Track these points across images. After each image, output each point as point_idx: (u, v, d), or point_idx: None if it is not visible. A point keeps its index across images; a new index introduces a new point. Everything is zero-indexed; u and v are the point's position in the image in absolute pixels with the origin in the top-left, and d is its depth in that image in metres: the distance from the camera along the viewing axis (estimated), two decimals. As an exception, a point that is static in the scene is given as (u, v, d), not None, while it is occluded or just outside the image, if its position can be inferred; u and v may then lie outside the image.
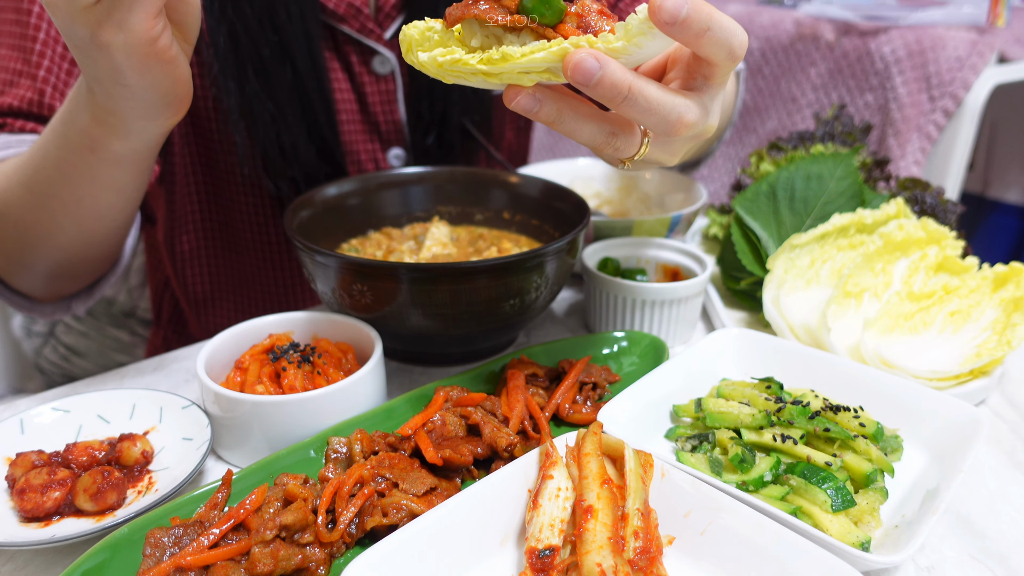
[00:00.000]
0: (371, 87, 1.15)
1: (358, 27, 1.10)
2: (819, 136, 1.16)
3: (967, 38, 1.75)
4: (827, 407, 0.71)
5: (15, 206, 0.87)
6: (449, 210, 1.08)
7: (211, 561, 0.56)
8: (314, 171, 1.11)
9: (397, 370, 0.91)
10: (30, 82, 0.93)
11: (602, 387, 0.81)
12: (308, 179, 1.12)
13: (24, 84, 0.93)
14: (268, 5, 1.00)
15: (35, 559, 0.64)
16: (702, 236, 1.30)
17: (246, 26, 1.00)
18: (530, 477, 0.63)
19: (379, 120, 1.18)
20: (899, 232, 0.90)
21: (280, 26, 1.02)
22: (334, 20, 1.09)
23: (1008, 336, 0.83)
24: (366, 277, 0.79)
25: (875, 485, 0.65)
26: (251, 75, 1.02)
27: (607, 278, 0.93)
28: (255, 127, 1.06)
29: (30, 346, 1.53)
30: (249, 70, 1.02)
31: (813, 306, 0.91)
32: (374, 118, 1.18)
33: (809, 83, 1.95)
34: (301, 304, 1.29)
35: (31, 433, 0.73)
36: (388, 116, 1.18)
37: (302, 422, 0.72)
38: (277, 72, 1.03)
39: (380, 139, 1.20)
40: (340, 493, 0.62)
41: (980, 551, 0.64)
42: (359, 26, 1.10)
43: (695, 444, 0.71)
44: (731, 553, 0.57)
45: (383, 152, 1.21)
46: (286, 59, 1.03)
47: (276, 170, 1.10)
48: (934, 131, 1.76)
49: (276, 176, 1.11)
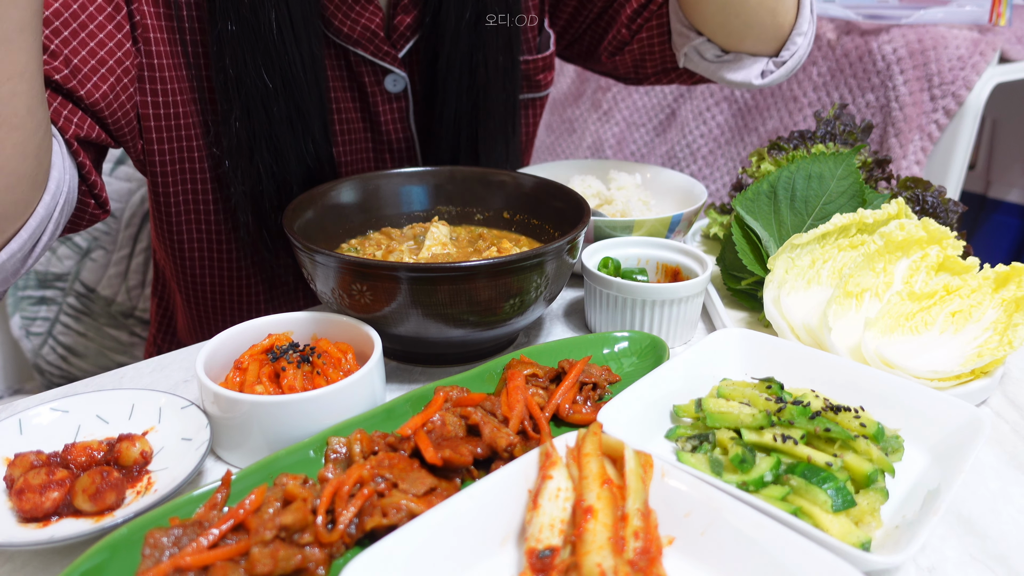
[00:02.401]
0: (384, 106, 1.15)
1: (372, 50, 1.09)
2: (820, 135, 1.16)
3: (969, 37, 1.75)
4: (827, 407, 0.70)
5: None
6: (449, 210, 1.08)
7: (210, 561, 0.56)
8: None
9: (397, 370, 0.91)
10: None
11: (602, 387, 0.81)
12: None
13: None
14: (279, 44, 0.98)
15: (33, 560, 0.64)
16: (702, 236, 1.30)
17: (256, 64, 0.99)
18: (530, 477, 0.63)
19: (391, 139, 1.18)
20: (900, 232, 0.90)
21: (290, 62, 1.00)
22: (348, 43, 1.08)
23: (1010, 336, 0.82)
24: (366, 277, 0.79)
25: (876, 485, 0.65)
26: (260, 108, 1.01)
27: (607, 278, 0.93)
28: (251, 163, 1.04)
29: (28, 346, 1.53)
30: (258, 103, 1.00)
31: (814, 306, 0.91)
32: (386, 136, 1.17)
33: (810, 82, 1.95)
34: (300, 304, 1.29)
35: (29, 433, 0.73)
36: (400, 134, 1.18)
37: (301, 422, 0.72)
38: (279, 106, 1.02)
39: (392, 158, 1.19)
40: (340, 493, 0.62)
41: (981, 552, 0.64)
42: (374, 49, 1.09)
43: (695, 444, 0.71)
44: (731, 553, 0.57)
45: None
46: (298, 123, 1.03)
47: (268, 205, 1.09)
48: (935, 130, 1.76)
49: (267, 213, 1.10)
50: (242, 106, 1.00)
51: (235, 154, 1.04)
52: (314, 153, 1.07)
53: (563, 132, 2.61)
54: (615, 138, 2.44)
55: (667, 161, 2.31)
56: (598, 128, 2.48)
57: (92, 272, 1.52)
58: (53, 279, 1.50)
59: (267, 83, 0.99)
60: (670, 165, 2.30)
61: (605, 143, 2.47)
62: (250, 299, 1.23)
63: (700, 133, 2.22)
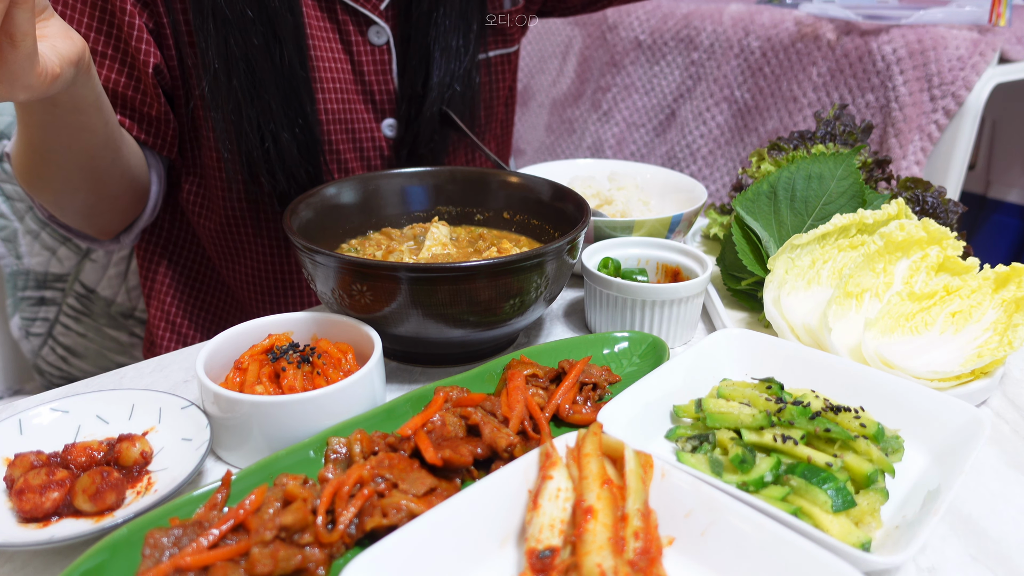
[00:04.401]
0: (367, 56, 1.18)
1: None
2: (820, 136, 1.16)
3: (968, 37, 1.75)
4: (828, 407, 0.70)
5: (30, 166, 1.02)
6: (449, 210, 1.08)
7: (210, 562, 0.56)
8: (295, 166, 1.12)
9: (397, 370, 0.91)
10: None
11: (602, 387, 0.81)
12: (289, 176, 1.13)
13: None
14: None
15: (33, 560, 0.64)
16: (702, 236, 1.30)
17: (237, 17, 1.02)
18: (530, 478, 0.63)
19: (374, 89, 1.20)
20: (900, 232, 0.90)
21: (272, 14, 1.04)
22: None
23: (1010, 337, 0.82)
24: (366, 277, 0.79)
25: (876, 486, 0.65)
26: (241, 68, 1.04)
27: (607, 278, 0.93)
28: (240, 121, 1.07)
29: (28, 347, 1.52)
30: (240, 63, 1.04)
31: (814, 306, 0.91)
32: (369, 87, 1.20)
33: (810, 83, 1.95)
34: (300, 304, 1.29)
35: (30, 434, 0.73)
36: (382, 86, 1.21)
37: (301, 422, 0.72)
38: (264, 61, 1.05)
39: (375, 108, 1.22)
40: (340, 493, 0.62)
41: (981, 552, 0.64)
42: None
43: (695, 445, 0.71)
44: (731, 554, 0.57)
45: (377, 122, 1.22)
46: (275, 46, 1.05)
47: (259, 167, 1.11)
48: (935, 131, 1.76)
49: (257, 172, 1.12)
50: (217, 34, 1.03)
51: (213, 80, 1.06)
52: (290, 77, 1.09)
53: (563, 132, 2.61)
54: (615, 138, 2.44)
55: (667, 161, 2.31)
56: (598, 128, 2.48)
57: (92, 273, 1.52)
58: (53, 280, 1.50)
59: (244, 12, 1.03)
60: (670, 165, 2.30)
61: (605, 143, 2.47)
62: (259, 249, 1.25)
63: (700, 133, 2.22)
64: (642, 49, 2.34)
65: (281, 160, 1.10)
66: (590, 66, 2.50)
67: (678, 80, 2.27)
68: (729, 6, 2.19)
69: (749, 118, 2.11)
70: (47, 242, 1.47)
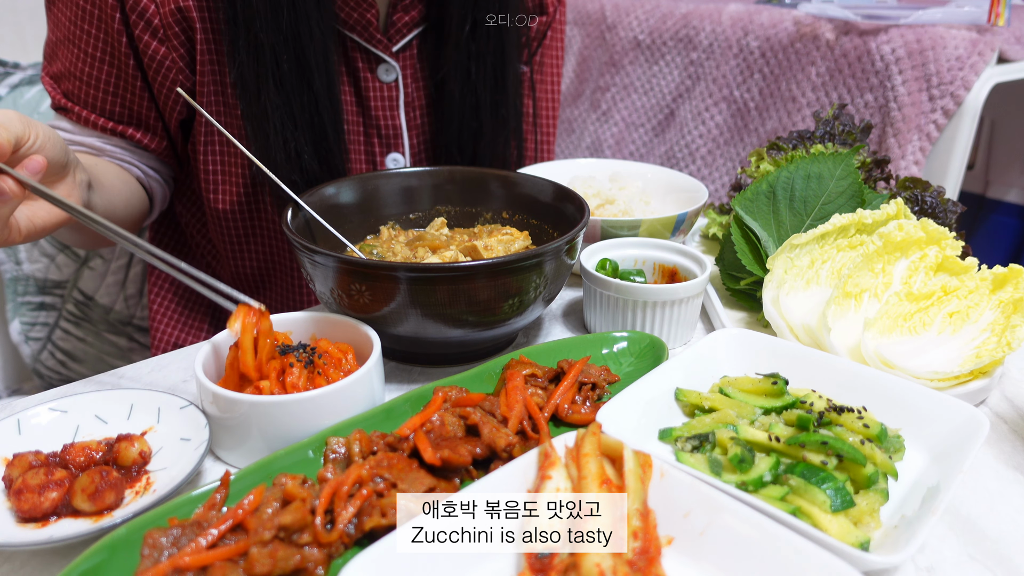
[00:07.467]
0: (375, 92, 1.19)
1: (366, 37, 1.14)
2: (819, 136, 1.16)
3: (967, 37, 1.75)
4: (831, 408, 0.71)
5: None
6: (449, 210, 1.08)
7: (209, 562, 0.56)
8: (315, 178, 1.13)
9: (396, 370, 0.91)
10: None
11: (601, 387, 0.81)
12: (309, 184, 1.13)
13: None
14: (293, 24, 1.03)
15: (32, 560, 0.64)
16: (701, 236, 1.30)
17: (271, 41, 1.03)
18: (529, 477, 0.63)
19: (380, 124, 1.21)
20: (899, 232, 0.90)
21: (303, 45, 1.05)
22: (344, 28, 1.13)
23: (1008, 338, 0.82)
24: (364, 277, 0.79)
25: (876, 487, 0.65)
26: (271, 86, 1.05)
27: (605, 279, 0.93)
28: (265, 136, 1.08)
29: (27, 351, 1.52)
30: (269, 81, 1.05)
31: (813, 306, 0.91)
32: (376, 122, 1.21)
33: (809, 83, 1.95)
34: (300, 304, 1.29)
35: (28, 433, 0.73)
36: (389, 121, 1.21)
37: (300, 422, 0.72)
38: (293, 85, 1.07)
39: (380, 143, 1.22)
40: (339, 493, 0.62)
41: (980, 552, 0.64)
42: (367, 36, 1.14)
43: (695, 444, 0.71)
44: (730, 553, 0.57)
45: (382, 156, 1.23)
46: (304, 74, 1.07)
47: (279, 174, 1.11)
48: (934, 131, 1.76)
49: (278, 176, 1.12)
50: (249, 48, 1.04)
51: (243, 90, 1.07)
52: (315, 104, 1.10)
53: (562, 132, 2.61)
54: (614, 138, 2.44)
55: (666, 161, 2.31)
56: (597, 128, 2.48)
57: (90, 280, 1.52)
58: (52, 286, 1.50)
59: (279, 30, 1.04)
60: (669, 165, 2.30)
61: (604, 143, 2.47)
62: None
63: (699, 133, 2.22)
64: (641, 49, 2.34)
65: (301, 169, 1.12)
66: (589, 66, 2.50)
67: (677, 80, 2.27)
68: (728, 6, 2.18)
69: (748, 118, 2.11)
70: (46, 248, 1.47)
